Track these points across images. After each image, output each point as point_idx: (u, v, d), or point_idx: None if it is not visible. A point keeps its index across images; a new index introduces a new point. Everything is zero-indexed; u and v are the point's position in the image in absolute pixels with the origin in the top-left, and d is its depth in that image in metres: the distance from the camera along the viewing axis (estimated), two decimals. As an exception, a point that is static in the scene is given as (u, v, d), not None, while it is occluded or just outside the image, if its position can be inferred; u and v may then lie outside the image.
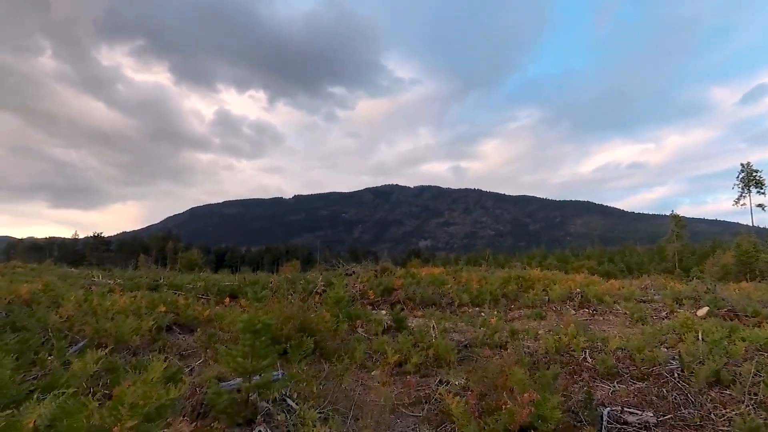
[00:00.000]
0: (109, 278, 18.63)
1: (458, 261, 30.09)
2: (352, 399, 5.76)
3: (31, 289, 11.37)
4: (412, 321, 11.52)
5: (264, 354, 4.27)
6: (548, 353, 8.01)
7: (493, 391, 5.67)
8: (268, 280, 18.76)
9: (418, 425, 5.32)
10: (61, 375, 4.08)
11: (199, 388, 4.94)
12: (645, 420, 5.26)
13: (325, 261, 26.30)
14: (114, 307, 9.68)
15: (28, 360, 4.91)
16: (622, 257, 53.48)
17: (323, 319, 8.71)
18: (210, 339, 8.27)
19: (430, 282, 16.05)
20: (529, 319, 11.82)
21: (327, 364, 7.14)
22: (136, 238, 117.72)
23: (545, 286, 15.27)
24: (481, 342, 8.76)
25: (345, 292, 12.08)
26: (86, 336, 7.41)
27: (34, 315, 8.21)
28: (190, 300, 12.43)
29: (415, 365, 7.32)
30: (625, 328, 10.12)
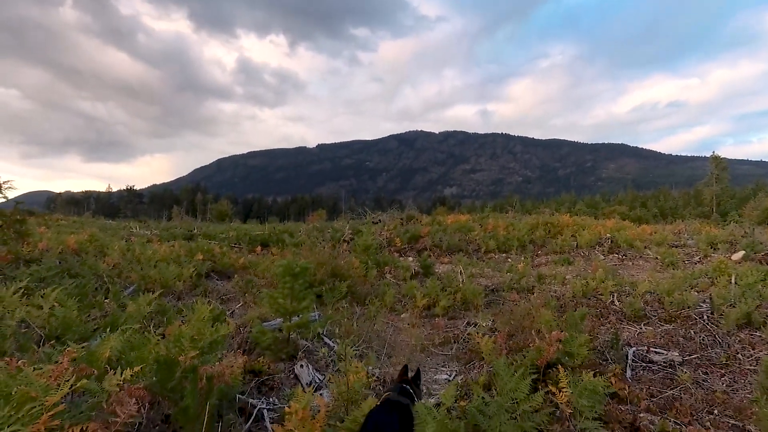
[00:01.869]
0: (146, 229, 19.59)
1: (484, 208, 29.91)
2: (384, 339, 6.07)
3: (77, 239, 12.12)
4: (439, 267, 11.76)
5: (302, 296, 4.52)
6: (575, 297, 8.10)
7: (520, 332, 5.85)
8: (297, 230, 19.30)
9: (448, 363, 5.61)
10: (120, 315, 4.46)
11: (243, 328, 5.31)
12: (670, 359, 5.36)
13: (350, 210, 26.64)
14: (155, 256, 10.28)
15: (88, 303, 5.35)
16: (656, 202, 51.88)
17: (353, 266, 9.01)
18: (247, 285, 8.74)
19: (457, 229, 16.14)
20: (557, 265, 11.85)
21: (359, 308, 7.47)
22: (166, 191, 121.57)
23: (574, 232, 15.14)
24: (508, 287, 8.91)
25: (373, 239, 12.35)
26: (134, 282, 7.96)
27: (85, 263, 8.81)
28: (224, 249, 13.06)
29: (444, 308, 7.57)
30: (656, 272, 10.04)
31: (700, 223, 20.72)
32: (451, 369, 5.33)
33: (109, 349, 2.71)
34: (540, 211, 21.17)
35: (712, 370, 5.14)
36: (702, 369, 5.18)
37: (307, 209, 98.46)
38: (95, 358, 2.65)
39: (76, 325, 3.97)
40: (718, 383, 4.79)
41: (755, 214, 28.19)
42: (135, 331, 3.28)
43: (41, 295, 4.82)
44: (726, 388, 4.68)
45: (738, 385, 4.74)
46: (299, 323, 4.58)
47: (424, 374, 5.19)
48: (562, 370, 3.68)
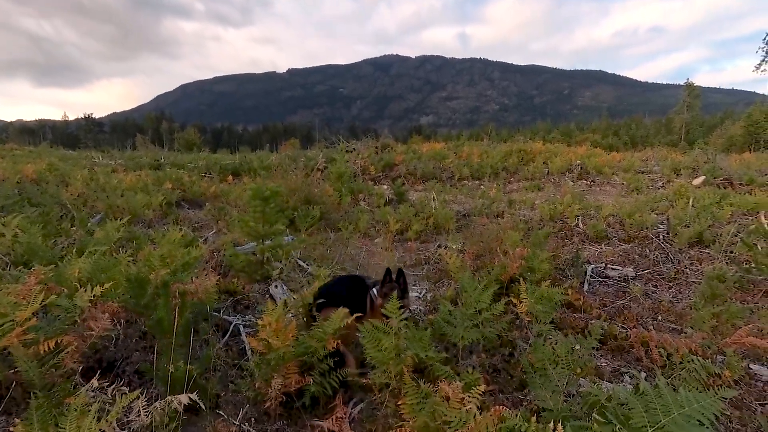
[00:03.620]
0: (110, 159, 18.72)
1: (460, 137, 29.74)
2: (358, 261, 6.24)
3: (36, 168, 11.55)
4: (412, 194, 11.88)
5: (274, 219, 4.52)
6: (543, 220, 8.43)
7: (487, 252, 6.11)
8: (269, 158, 18.86)
9: (419, 282, 5.87)
10: (88, 242, 4.39)
11: (217, 253, 5.35)
12: (624, 274, 5.78)
13: (324, 139, 25.98)
14: (121, 185, 9.96)
15: (53, 230, 5.22)
16: (628, 130, 52.68)
17: (326, 193, 8.99)
18: (220, 212, 8.67)
19: (431, 157, 16.12)
20: (528, 191, 12.16)
21: (333, 233, 7.58)
22: (128, 119, 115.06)
23: (546, 159, 15.37)
24: (479, 211, 9.15)
25: (346, 167, 12.23)
26: (100, 211, 7.76)
27: (46, 192, 8.48)
28: (194, 178, 12.72)
29: (416, 232, 7.77)
30: (621, 197, 10.46)
31: (667, 150, 21.32)
32: (422, 287, 5.59)
33: (79, 270, 2.70)
34: (515, 140, 21.25)
35: (661, 284, 5.59)
36: (652, 283, 5.62)
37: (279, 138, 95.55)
38: (64, 278, 2.65)
39: (42, 251, 3.90)
40: (665, 294, 5.23)
41: (720, 141, 29.11)
42: (104, 254, 3.26)
43: (2, 222, 4.66)
44: (671, 298, 5.12)
45: (682, 296, 5.19)
46: (272, 246, 4.64)
47: (395, 292, 5.44)
48: (524, 283, 3.92)
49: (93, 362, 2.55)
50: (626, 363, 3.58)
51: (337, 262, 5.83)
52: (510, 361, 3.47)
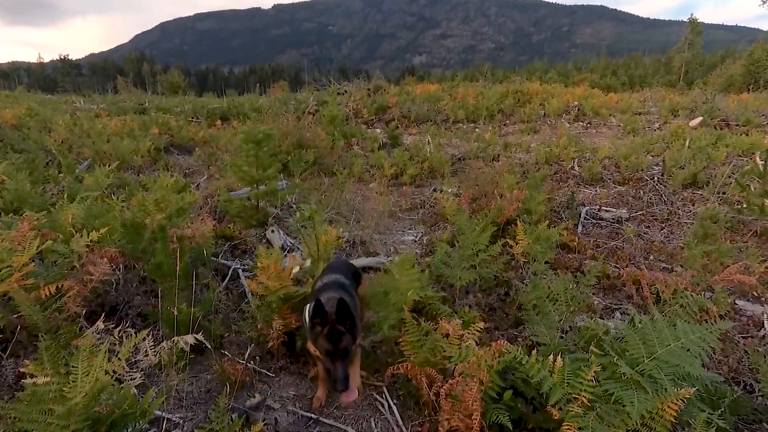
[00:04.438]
0: (92, 103, 17.96)
1: (455, 78, 28.76)
2: (353, 206, 6.22)
3: (15, 114, 11.07)
4: (406, 138, 11.65)
5: (267, 164, 4.42)
6: (538, 163, 8.37)
7: (483, 196, 6.11)
8: (258, 102, 18.23)
9: (414, 226, 5.90)
10: (78, 188, 4.29)
11: (210, 199, 5.28)
12: (618, 216, 5.84)
13: (314, 80, 25.04)
14: (106, 131, 9.61)
15: (40, 177, 5.08)
16: (627, 70, 51.29)
17: (319, 137, 8.77)
18: (210, 158, 8.47)
19: (425, 99, 15.66)
20: (523, 134, 11.98)
21: (327, 178, 7.49)
22: (107, 61, 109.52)
23: (542, 101, 15.01)
24: (475, 155, 9.04)
25: (339, 111, 11.87)
26: (87, 157, 7.55)
27: (29, 138, 8.19)
28: (181, 122, 12.29)
29: (411, 177, 7.70)
30: (617, 139, 10.36)
31: (665, 90, 20.90)
32: (418, 231, 5.63)
33: (72, 216, 2.64)
34: (511, 80, 20.61)
35: (654, 225, 5.67)
36: (645, 224, 5.70)
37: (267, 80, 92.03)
38: (58, 224, 2.59)
39: (31, 197, 3.81)
40: (657, 235, 5.33)
41: (719, 81, 28.51)
42: (96, 200, 3.18)
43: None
44: (663, 239, 5.22)
45: (674, 236, 5.28)
46: (267, 191, 4.57)
47: (391, 236, 5.49)
48: (521, 224, 3.94)
49: (95, 306, 2.56)
50: (617, 300, 3.69)
51: (332, 207, 5.80)
52: (506, 300, 3.56)
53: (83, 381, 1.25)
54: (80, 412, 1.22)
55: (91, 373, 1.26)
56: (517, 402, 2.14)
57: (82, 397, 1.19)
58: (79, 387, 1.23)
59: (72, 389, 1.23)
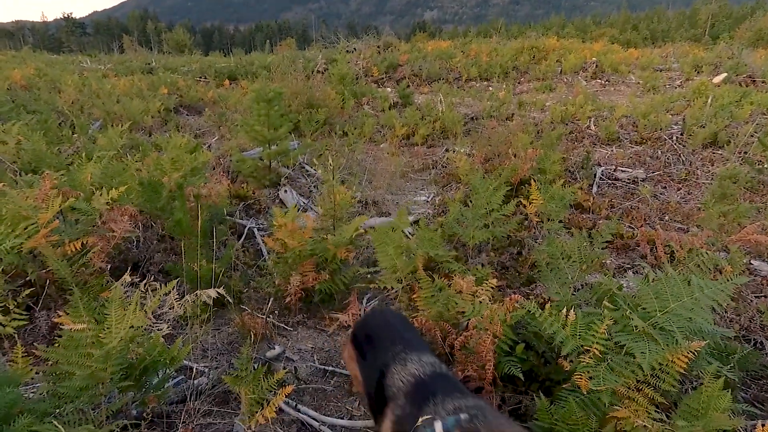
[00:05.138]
0: (98, 63, 17.76)
1: (467, 34, 27.63)
2: (365, 167, 6.20)
3: (24, 74, 11.02)
4: (418, 97, 11.40)
5: (278, 123, 4.39)
6: (553, 122, 8.17)
7: (497, 156, 6.03)
8: (265, 60, 17.83)
9: (426, 186, 5.88)
10: (92, 148, 4.31)
11: (223, 159, 5.29)
12: (634, 176, 5.74)
13: (322, 38, 24.27)
14: (115, 91, 9.55)
15: (54, 137, 5.12)
16: (648, 24, 48.69)
17: (329, 96, 8.63)
18: (220, 118, 8.41)
19: (437, 56, 15.16)
20: (539, 92, 11.63)
21: (338, 138, 7.43)
22: (111, 19, 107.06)
23: (559, 57, 14.45)
24: (488, 114, 8.84)
25: (348, 69, 11.59)
26: (98, 117, 7.55)
27: (40, 99, 8.18)
28: (189, 82, 12.15)
29: (423, 137, 7.59)
30: (635, 97, 10.00)
31: (689, 45, 19.94)
32: (430, 191, 5.62)
33: (90, 175, 2.68)
34: (526, 35, 19.77)
35: (671, 185, 5.57)
36: (662, 184, 5.60)
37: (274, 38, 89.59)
38: (77, 182, 2.64)
39: (48, 158, 3.85)
40: (674, 195, 5.25)
41: (748, 35, 27.03)
42: (112, 159, 3.21)
43: (2, 129, 4.55)
44: (680, 199, 5.14)
45: (691, 197, 5.20)
46: (278, 151, 4.56)
47: (403, 196, 5.49)
48: (534, 184, 3.90)
49: (119, 262, 2.65)
50: (631, 260, 3.70)
51: (344, 167, 5.79)
52: (518, 259, 3.59)
53: (117, 328, 1.31)
54: (116, 356, 1.29)
55: (124, 320, 1.33)
56: (528, 355, 2.21)
57: (118, 342, 1.26)
58: (114, 333, 1.29)
59: (107, 335, 1.29)
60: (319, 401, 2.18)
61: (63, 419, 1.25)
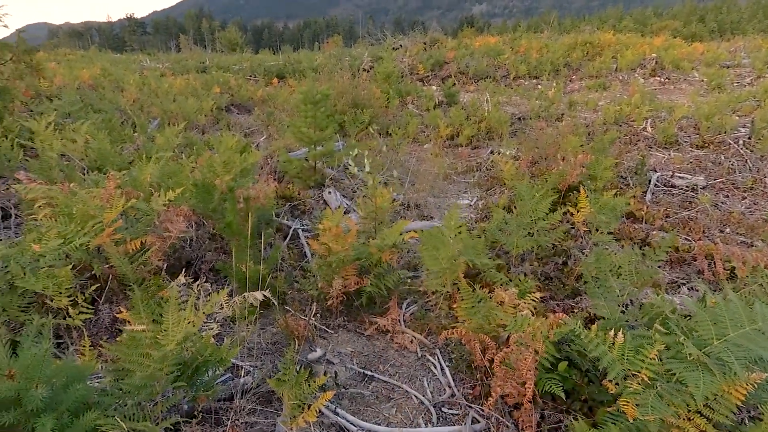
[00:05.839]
0: (157, 62, 18.79)
1: (517, 28, 26.79)
2: (408, 168, 6.20)
3: (91, 74, 11.85)
4: (464, 95, 11.25)
5: (325, 124, 4.48)
6: (606, 124, 7.81)
7: (544, 159, 5.85)
8: (313, 59, 18.18)
9: (469, 189, 5.81)
10: (151, 147, 4.59)
11: (270, 159, 5.46)
12: (694, 183, 5.39)
13: (368, 34, 24.42)
14: (172, 90, 10.08)
15: (117, 136, 5.48)
16: (717, 15, 45.22)
17: (374, 95, 8.68)
18: (269, 117, 8.68)
19: (485, 53, 14.87)
20: (591, 90, 11.15)
21: (382, 138, 7.47)
22: (169, 18, 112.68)
23: (615, 53, 13.76)
24: (536, 114, 8.59)
25: (394, 67, 11.60)
26: (156, 116, 7.99)
27: (105, 98, 8.76)
28: (240, 81, 12.63)
29: (467, 138, 7.49)
30: (698, 96, 9.37)
31: (762, 39, 18.37)
32: (473, 195, 5.54)
33: (149, 176, 2.86)
34: (580, 30, 18.96)
35: (734, 194, 5.19)
36: (724, 192, 5.23)
37: (321, 35, 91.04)
38: (138, 182, 2.82)
39: (112, 156, 4.14)
40: (737, 205, 4.89)
41: (831, 26, 24.54)
42: (169, 159, 3.41)
43: (72, 129, 4.92)
44: (744, 210, 4.78)
45: (757, 207, 4.82)
46: (324, 152, 4.65)
47: (446, 199, 5.45)
48: (583, 192, 3.76)
49: (173, 260, 2.81)
50: (686, 275, 3.49)
51: (387, 169, 5.82)
52: (563, 270, 3.48)
53: (174, 330, 1.40)
54: (172, 358, 1.38)
55: (180, 323, 1.42)
56: (571, 373, 2.15)
57: (174, 345, 1.35)
58: (171, 335, 1.39)
59: (165, 337, 1.39)
60: (357, 406, 2.22)
61: (124, 413, 1.35)
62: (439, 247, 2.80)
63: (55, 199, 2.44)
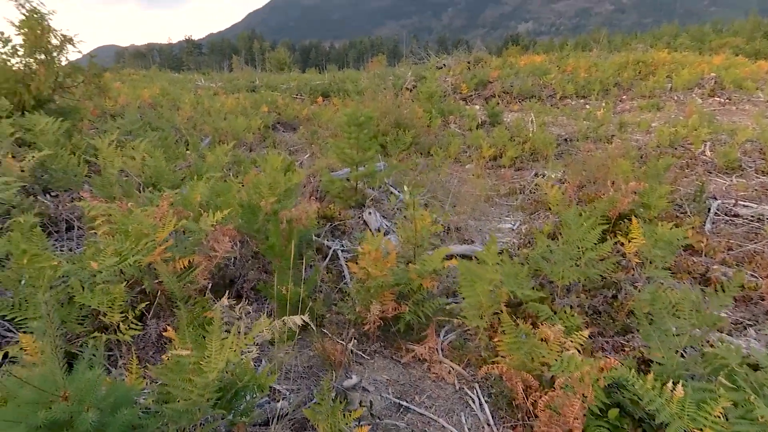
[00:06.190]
0: (211, 81, 19.87)
1: (564, 46, 26.24)
2: (449, 189, 6.14)
3: (151, 93, 12.67)
4: (508, 115, 11.10)
5: (367, 146, 4.53)
6: (660, 147, 7.44)
7: (592, 183, 5.63)
8: (357, 78, 18.62)
9: (512, 213, 5.66)
10: (201, 165, 4.81)
11: (313, 177, 5.58)
12: (759, 213, 4.99)
13: (412, 53, 24.73)
14: (223, 108, 10.59)
15: (172, 154, 5.79)
16: (783, 31, 42.46)
17: (416, 115, 8.73)
18: (312, 136, 8.92)
19: (530, 72, 14.66)
20: (644, 111, 10.69)
21: (423, 158, 7.46)
22: (224, 40, 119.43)
23: (670, 72, 13.17)
24: (584, 135, 8.32)
25: (437, 86, 11.66)
26: (208, 134, 8.40)
27: (162, 116, 9.33)
28: (287, 100, 13.11)
29: (511, 159, 7.35)
30: (763, 118, 8.76)
31: (837, 56, 17.04)
32: (516, 219, 5.39)
33: (199, 195, 2.99)
34: (631, 48, 18.33)
35: (807, 225, 4.76)
36: (795, 224, 4.81)
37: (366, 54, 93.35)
38: (188, 202, 2.95)
39: (166, 174, 4.37)
40: (811, 238, 4.47)
41: None
42: (217, 179, 3.55)
43: (132, 147, 5.25)
44: (819, 243, 4.36)
45: (835, 241, 4.39)
46: (365, 173, 4.69)
47: (487, 222, 5.33)
48: (636, 221, 3.56)
49: (218, 279, 2.90)
50: (753, 315, 3.21)
51: (428, 190, 5.79)
52: (613, 304, 3.29)
53: (216, 358, 1.43)
54: (214, 386, 1.40)
55: (223, 350, 1.44)
56: (623, 422, 2.00)
57: (216, 374, 1.37)
58: (213, 363, 1.41)
59: (207, 364, 1.42)
60: (392, 438, 2.17)
61: (166, 437, 1.38)
62: (479, 277, 2.72)
63: (114, 216, 2.59)
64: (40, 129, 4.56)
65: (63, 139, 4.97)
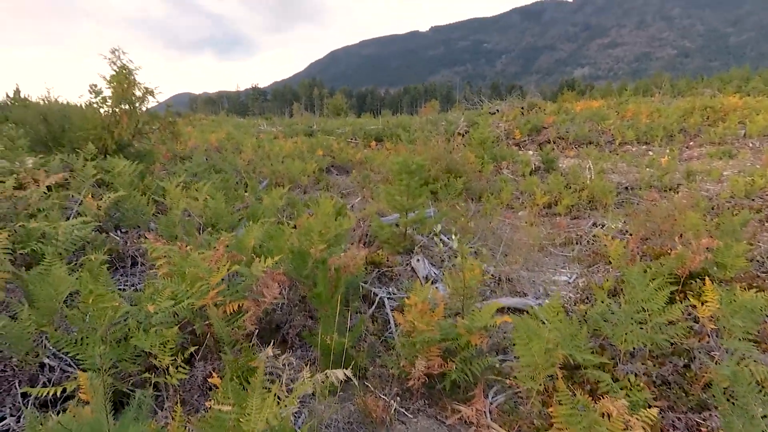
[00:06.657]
0: (272, 126, 21.20)
1: (623, 91, 25.58)
2: (500, 237, 5.97)
3: (217, 137, 13.67)
4: (563, 161, 10.82)
5: (418, 193, 4.55)
6: (734, 197, 6.88)
7: (657, 236, 5.26)
8: (410, 123, 19.10)
9: (568, 264, 5.37)
10: (258, 207, 5.03)
11: (363, 222, 5.65)
12: None
13: (465, 99, 25.15)
14: (282, 152, 11.19)
15: (232, 195, 6.12)
16: None
17: (468, 161, 8.73)
18: (364, 179, 9.14)
19: (587, 118, 14.35)
20: (713, 158, 10.03)
21: (474, 204, 7.37)
22: (286, 87, 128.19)
23: (742, 118, 12.37)
24: (647, 184, 7.89)
25: (489, 132, 11.67)
26: (266, 176, 8.85)
27: (226, 159, 9.98)
28: (341, 144, 13.65)
29: (566, 207, 7.08)
30: None
31: None
32: (572, 271, 5.11)
33: (253, 239, 3.10)
34: (698, 92, 17.51)
35: None
36: None
37: (419, 99, 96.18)
38: (243, 245, 3.06)
39: (225, 215, 4.61)
40: None
41: None
42: (272, 223, 3.69)
43: (196, 188, 5.62)
44: None
45: None
46: (415, 219, 4.69)
47: (541, 274, 5.08)
48: (709, 283, 3.24)
49: (264, 324, 2.94)
50: None
51: (479, 237, 5.67)
52: (685, 375, 2.95)
53: (256, 417, 1.41)
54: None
55: (264, 409, 1.42)
56: None
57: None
58: (253, 423, 1.39)
59: (247, 423, 1.40)
60: None
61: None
62: (537, 335, 2.55)
63: (173, 258, 2.73)
64: (118, 171, 5.00)
65: (137, 181, 5.42)
